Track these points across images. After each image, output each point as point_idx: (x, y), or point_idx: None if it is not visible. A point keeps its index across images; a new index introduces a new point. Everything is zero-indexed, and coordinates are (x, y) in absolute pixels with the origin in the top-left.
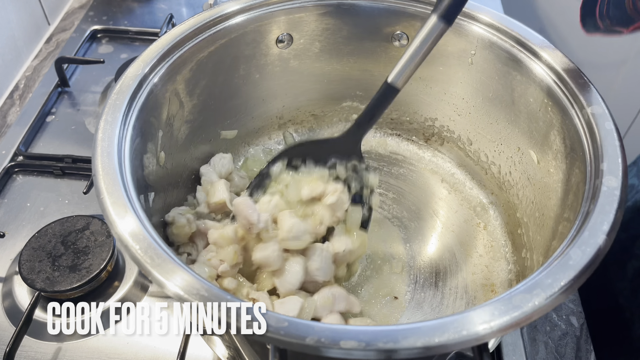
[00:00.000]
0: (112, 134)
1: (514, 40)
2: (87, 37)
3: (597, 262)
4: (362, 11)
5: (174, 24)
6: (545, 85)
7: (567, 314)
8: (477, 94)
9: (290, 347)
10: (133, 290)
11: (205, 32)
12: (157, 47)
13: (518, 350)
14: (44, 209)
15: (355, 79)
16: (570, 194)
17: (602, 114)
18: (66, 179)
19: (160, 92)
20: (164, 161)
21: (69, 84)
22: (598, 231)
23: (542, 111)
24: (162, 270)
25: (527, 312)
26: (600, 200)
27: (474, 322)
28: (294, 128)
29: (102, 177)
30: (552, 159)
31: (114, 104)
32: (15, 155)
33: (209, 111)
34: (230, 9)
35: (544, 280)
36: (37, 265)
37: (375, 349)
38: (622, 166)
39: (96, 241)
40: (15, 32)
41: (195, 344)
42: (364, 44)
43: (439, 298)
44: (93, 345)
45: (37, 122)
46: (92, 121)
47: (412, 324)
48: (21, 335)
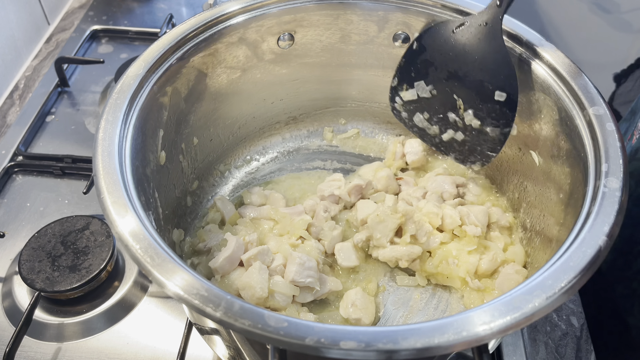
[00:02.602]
0: (112, 133)
1: (514, 40)
2: (87, 37)
3: (598, 263)
4: (363, 11)
5: (174, 24)
6: (547, 85)
7: (568, 315)
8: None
9: (289, 347)
10: (133, 290)
11: (205, 32)
12: (157, 47)
13: (518, 350)
14: (44, 209)
15: (356, 79)
16: (571, 195)
17: (604, 114)
18: (66, 179)
19: (160, 91)
20: (165, 160)
21: (69, 84)
22: (599, 232)
23: (543, 112)
24: (162, 270)
25: (528, 313)
26: (601, 201)
27: (474, 323)
28: (295, 127)
29: (103, 176)
30: (553, 159)
31: (114, 103)
32: (15, 155)
33: (209, 111)
34: (230, 9)
35: (544, 281)
36: (37, 265)
37: (375, 350)
38: (624, 167)
39: (96, 241)
40: (15, 32)
41: (195, 344)
42: (365, 44)
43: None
44: (93, 345)
45: (37, 122)
46: (92, 121)
47: (412, 325)
48: (21, 335)
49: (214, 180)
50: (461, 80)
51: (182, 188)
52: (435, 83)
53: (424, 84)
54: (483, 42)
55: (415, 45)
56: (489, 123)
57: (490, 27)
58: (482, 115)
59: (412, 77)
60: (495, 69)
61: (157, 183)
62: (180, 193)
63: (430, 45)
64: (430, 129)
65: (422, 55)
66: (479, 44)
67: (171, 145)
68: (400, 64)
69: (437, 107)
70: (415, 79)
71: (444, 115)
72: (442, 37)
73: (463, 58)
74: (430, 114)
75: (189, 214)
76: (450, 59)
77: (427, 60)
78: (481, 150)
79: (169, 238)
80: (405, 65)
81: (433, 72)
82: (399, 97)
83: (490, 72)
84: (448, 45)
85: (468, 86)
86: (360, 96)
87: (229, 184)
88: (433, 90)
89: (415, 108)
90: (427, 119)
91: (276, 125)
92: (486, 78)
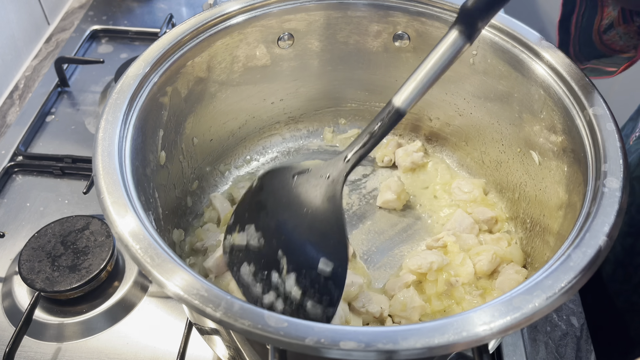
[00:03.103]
0: (112, 133)
1: (515, 40)
2: (87, 37)
3: (598, 263)
4: (363, 11)
5: (173, 24)
6: (547, 85)
7: (568, 315)
8: (478, 94)
9: (289, 347)
10: (133, 290)
11: (205, 32)
12: (157, 47)
13: (518, 350)
14: (44, 209)
15: (356, 79)
16: (571, 195)
17: (604, 114)
18: (66, 179)
19: (160, 91)
20: (165, 160)
21: (69, 84)
22: (599, 232)
23: (544, 112)
24: (162, 270)
25: (528, 314)
26: (601, 201)
27: (474, 323)
28: (294, 127)
29: (103, 176)
30: (553, 159)
31: (114, 103)
32: (14, 155)
33: (209, 111)
34: (230, 9)
35: (544, 282)
36: (37, 265)
37: (375, 350)
38: (624, 167)
39: (96, 241)
40: (15, 32)
41: (195, 344)
42: (365, 44)
43: None
44: (93, 345)
45: (36, 122)
46: (92, 121)
47: (412, 325)
48: (21, 335)
49: (214, 180)
50: (289, 234)
51: (182, 188)
52: (264, 231)
53: (254, 229)
54: (320, 196)
55: (256, 183)
56: (311, 295)
57: (331, 183)
58: (304, 283)
59: (245, 219)
60: (326, 231)
61: (157, 183)
62: (180, 193)
63: (267, 185)
64: (254, 286)
65: (258, 195)
66: (314, 199)
67: (171, 145)
68: (240, 201)
69: (262, 262)
70: (247, 221)
71: (267, 273)
72: (280, 179)
73: (295, 208)
74: (256, 268)
75: (189, 214)
76: (282, 206)
77: (261, 201)
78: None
79: (169, 238)
80: (241, 204)
81: (264, 216)
82: (230, 236)
83: (319, 234)
84: (284, 190)
85: (294, 245)
86: (360, 96)
87: (229, 184)
88: (261, 238)
89: (243, 256)
90: (252, 273)
91: (276, 125)
92: (313, 239)
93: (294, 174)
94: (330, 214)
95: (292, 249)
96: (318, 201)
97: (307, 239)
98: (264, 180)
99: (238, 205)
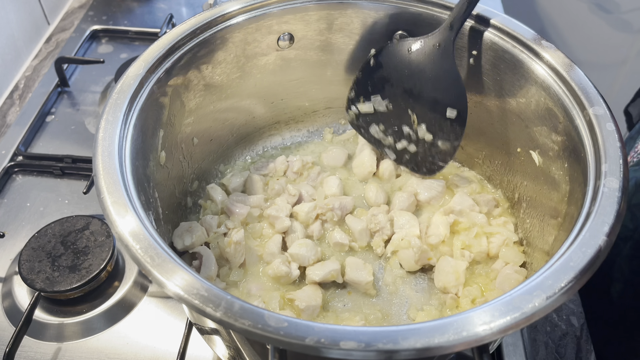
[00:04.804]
0: (113, 133)
1: (514, 40)
2: (87, 37)
3: (598, 263)
4: (363, 11)
5: (174, 24)
6: (547, 85)
7: (568, 315)
8: (478, 93)
9: (289, 347)
10: (133, 290)
11: (206, 32)
12: (157, 47)
13: (518, 350)
14: (44, 209)
15: None
16: (571, 194)
17: (604, 114)
18: (66, 179)
19: (161, 91)
20: (165, 160)
21: (69, 84)
22: (598, 232)
23: (543, 112)
24: (162, 270)
25: (528, 313)
26: (600, 201)
27: (474, 323)
28: (294, 127)
29: (103, 176)
30: (553, 159)
31: (114, 103)
32: (14, 155)
33: (209, 111)
34: (230, 9)
35: (544, 282)
36: (37, 266)
37: (375, 350)
38: (623, 167)
39: (96, 241)
40: (15, 32)
41: (195, 344)
42: (365, 44)
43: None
44: (93, 345)
45: (36, 122)
46: (92, 121)
47: (412, 325)
48: (21, 335)
49: (214, 181)
50: (415, 97)
51: (182, 188)
52: (391, 98)
53: (380, 99)
54: (436, 62)
55: (372, 61)
56: (440, 137)
57: (442, 49)
58: (434, 130)
59: (369, 91)
60: (447, 87)
61: (157, 183)
62: (180, 193)
63: (386, 62)
64: (385, 139)
65: (379, 71)
66: (432, 64)
67: (171, 145)
68: (358, 77)
69: (392, 120)
70: (372, 93)
71: (398, 128)
72: (398, 55)
73: (418, 76)
74: (386, 126)
75: (189, 214)
76: (406, 77)
77: (384, 76)
78: (432, 161)
79: (169, 238)
80: (362, 79)
81: (389, 88)
82: (355, 107)
83: (442, 90)
84: (404, 64)
85: (422, 102)
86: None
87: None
88: (389, 104)
89: (371, 120)
90: (382, 131)
91: (276, 125)
92: (438, 96)
93: (408, 48)
94: (448, 73)
95: (420, 107)
96: (436, 66)
97: (434, 96)
98: (380, 58)
99: (358, 81)
